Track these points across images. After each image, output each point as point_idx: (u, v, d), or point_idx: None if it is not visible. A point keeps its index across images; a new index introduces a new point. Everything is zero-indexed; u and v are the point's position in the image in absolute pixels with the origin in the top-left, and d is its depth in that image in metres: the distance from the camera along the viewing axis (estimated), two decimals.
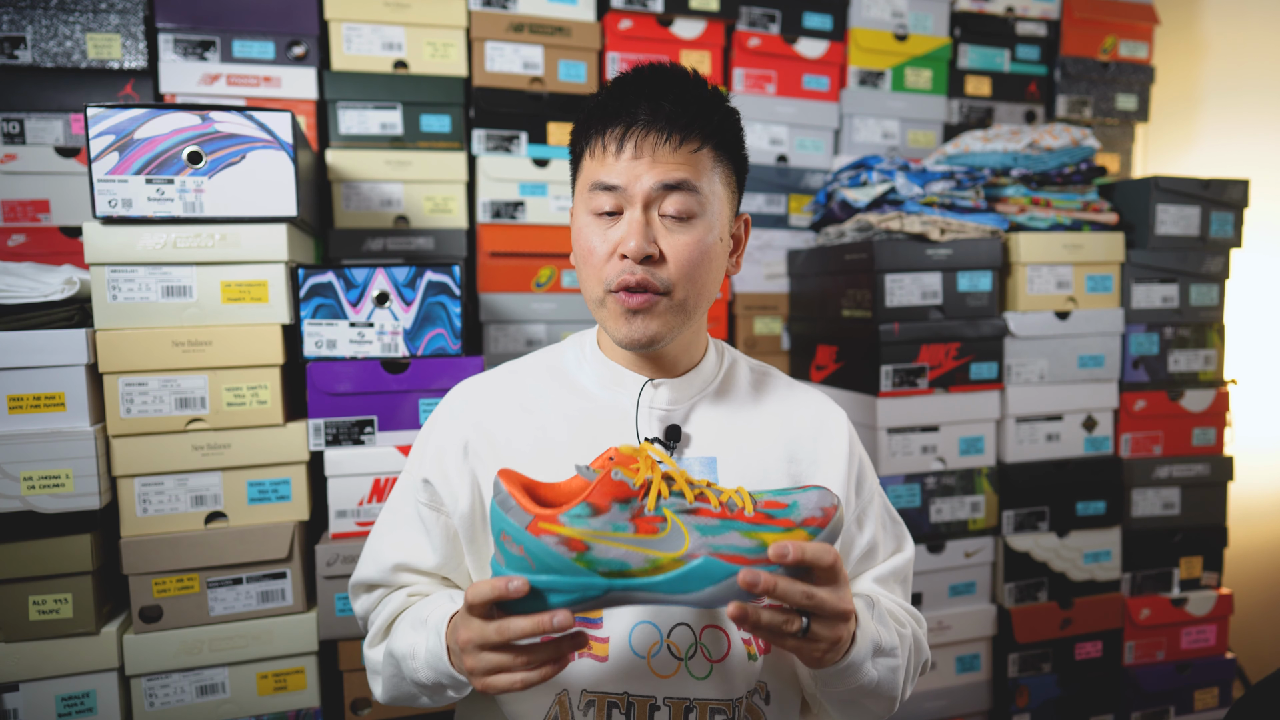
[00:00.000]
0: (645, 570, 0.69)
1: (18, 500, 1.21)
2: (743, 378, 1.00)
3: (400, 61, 1.74)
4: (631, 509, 0.70)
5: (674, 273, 0.87)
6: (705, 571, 0.70)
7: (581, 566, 0.68)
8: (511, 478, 0.72)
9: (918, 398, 1.72)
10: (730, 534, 0.71)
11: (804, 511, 0.73)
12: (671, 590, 0.70)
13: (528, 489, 0.74)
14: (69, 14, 1.54)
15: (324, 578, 1.37)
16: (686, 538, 0.70)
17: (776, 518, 0.72)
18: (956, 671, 1.82)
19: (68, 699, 1.27)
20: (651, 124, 0.85)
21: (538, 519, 0.69)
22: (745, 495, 0.74)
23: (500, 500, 0.70)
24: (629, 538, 0.69)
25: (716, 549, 0.70)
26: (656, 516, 0.70)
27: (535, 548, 0.68)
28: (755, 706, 0.89)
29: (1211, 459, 1.91)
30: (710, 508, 0.72)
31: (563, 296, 1.83)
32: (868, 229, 1.77)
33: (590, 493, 0.69)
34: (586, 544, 0.68)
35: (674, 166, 0.85)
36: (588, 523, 0.69)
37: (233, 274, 1.31)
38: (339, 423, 1.39)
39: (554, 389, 0.97)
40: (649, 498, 0.70)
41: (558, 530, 0.68)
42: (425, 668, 0.83)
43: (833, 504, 0.74)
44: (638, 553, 0.69)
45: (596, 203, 0.87)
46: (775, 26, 1.99)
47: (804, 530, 0.72)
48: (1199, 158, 2.42)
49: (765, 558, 0.70)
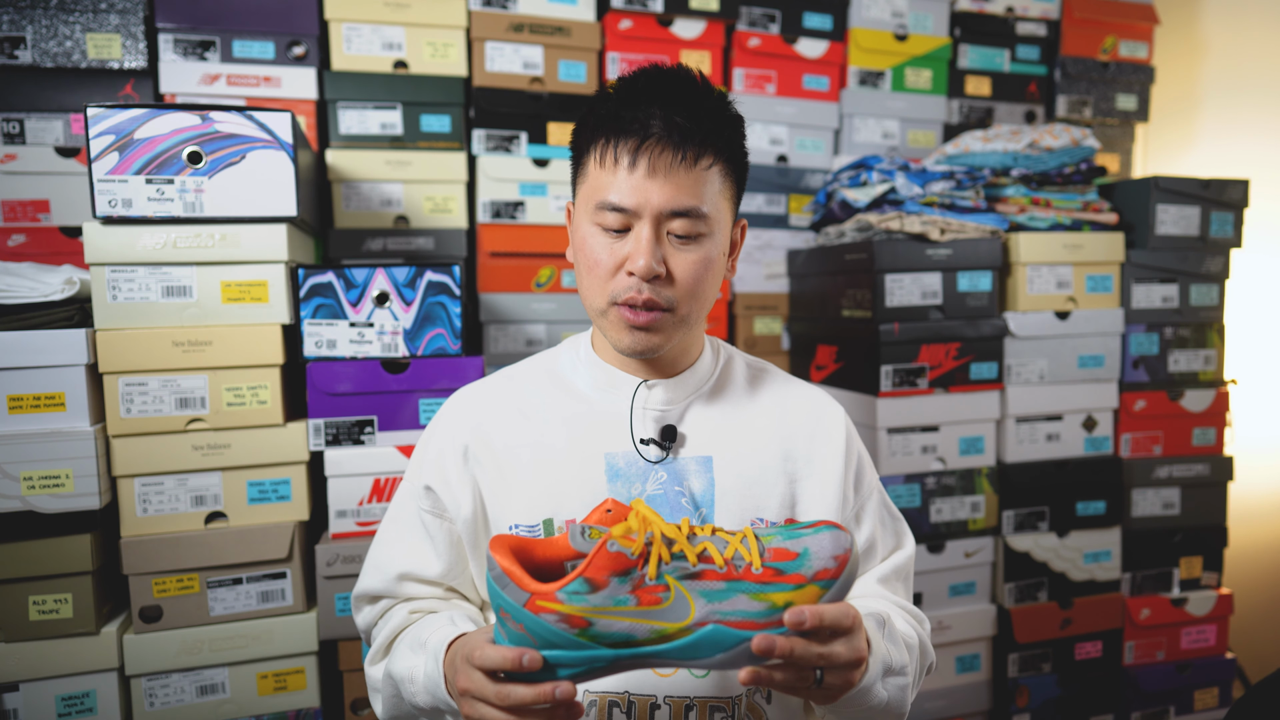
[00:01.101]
0: (651, 640, 0.67)
1: (18, 500, 1.21)
2: (739, 375, 1.00)
3: (400, 61, 1.74)
4: (632, 580, 0.67)
5: (680, 291, 0.87)
6: (714, 640, 0.67)
7: (585, 641, 0.66)
8: (502, 547, 0.69)
9: (918, 398, 1.72)
10: (738, 598, 0.67)
11: (815, 563, 0.69)
12: (681, 657, 0.68)
13: (522, 551, 0.70)
14: (69, 14, 1.54)
15: (324, 578, 1.37)
16: (692, 606, 0.67)
17: (786, 573, 0.68)
18: (956, 671, 1.82)
19: (68, 699, 1.27)
20: (666, 139, 0.84)
21: (535, 597, 0.66)
22: (752, 543, 0.70)
23: (496, 576, 0.67)
24: (632, 610, 0.66)
25: (724, 615, 0.67)
26: (659, 585, 0.67)
27: (535, 625, 0.66)
28: (756, 705, 0.89)
29: (1211, 459, 1.91)
30: (715, 568, 0.68)
31: (563, 296, 1.83)
32: (868, 229, 1.77)
33: (587, 567, 0.66)
34: (588, 620, 0.66)
35: (685, 190, 0.85)
36: (587, 599, 0.66)
37: (233, 274, 1.31)
38: (339, 423, 1.39)
39: (550, 393, 0.97)
40: (649, 566, 0.67)
41: (557, 608, 0.66)
42: (423, 692, 0.83)
43: (845, 549, 0.70)
44: (643, 624, 0.66)
45: (604, 218, 0.87)
46: (775, 26, 1.99)
47: (815, 586, 0.68)
48: (1199, 158, 2.42)
49: (777, 620, 0.67)
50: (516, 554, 0.70)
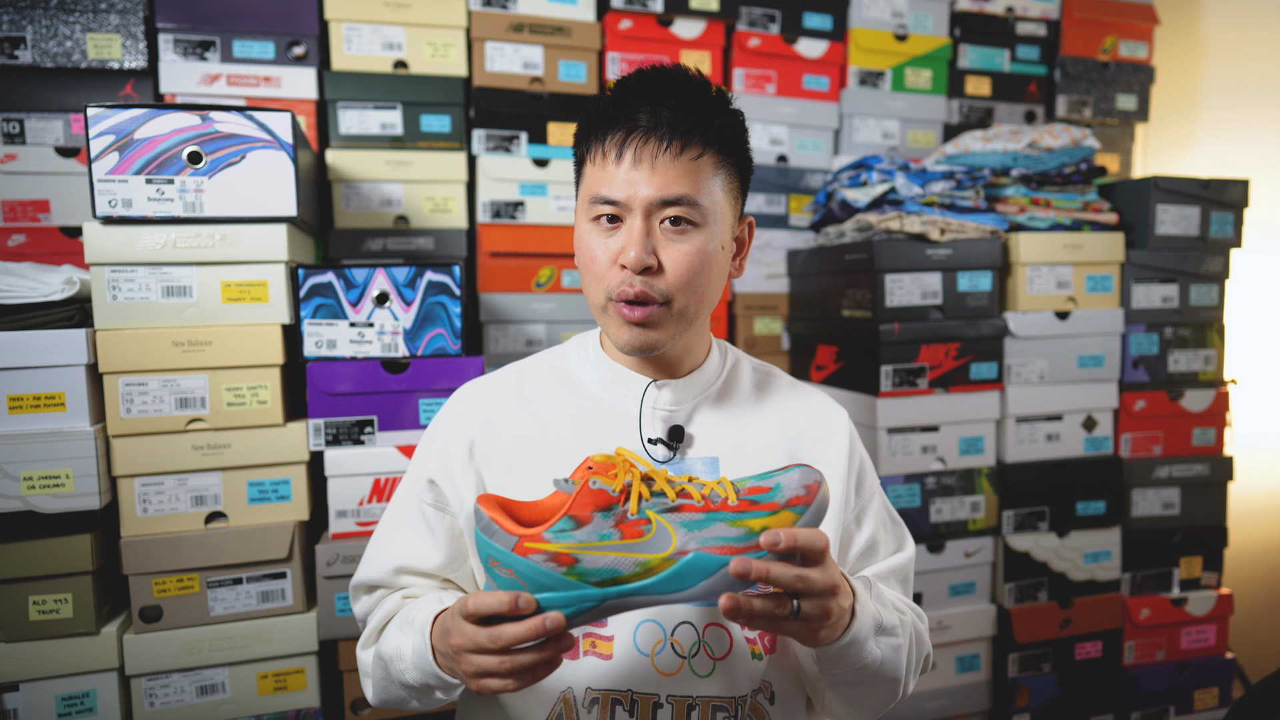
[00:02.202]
0: (637, 574, 0.69)
1: (18, 500, 1.21)
2: (745, 378, 1.01)
3: (400, 61, 1.74)
4: (614, 515, 0.70)
5: (673, 283, 0.86)
6: (696, 566, 0.70)
7: (573, 580, 0.69)
8: (490, 502, 0.72)
9: (918, 398, 1.72)
10: (716, 525, 0.71)
11: (787, 492, 0.73)
12: (666, 590, 0.70)
13: (508, 510, 0.73)
14: (69, 14, 1.54)
15: (324, 578, 1.37)
16: (673, 536, 0.70)
17: (760, 503, 0.72)
18: (956, 671, 1.82)
19: (68, 699, 1.27)
20: (651, 131, 0.84)
21: (523, 539, 0.69)
22: (728, 484, 0.74)
23: (484, 526, 0.70)
24: (616, 544, 0.69)
25: (705, 543, 0.70)
26: (640, 519, 0.70)
27: (524, 568, 0.69)
28: (759, 706, 0.89)
29: (1211, 459, 1.91)
30: (693, 503, 0.72)
31: (563, 296, 1.83)
32: (868, 229, 1.77)
33: (571, 505, 0.69)
34: (575, 556, 0.68)
35: (674, 178, 0.85)
36: (573, 535, 0.69)
37: (233, 274, 1.31)
38: (339, 423, 1.39)
39: (557, 390, 0.97)
40: (630, 502, 0.70)
41: (544, 547, 0.68)
42: (412, 668, 0.83)
43: (815, 480, 0.74)
44: (627, 558, 0.69)
45: (597, 212, 0.87)
46: (775, 26, 1.99)
47: (789, 511, 0.72)
48: (1199, 158, 2.42)
49: (755, 544, 0.70)
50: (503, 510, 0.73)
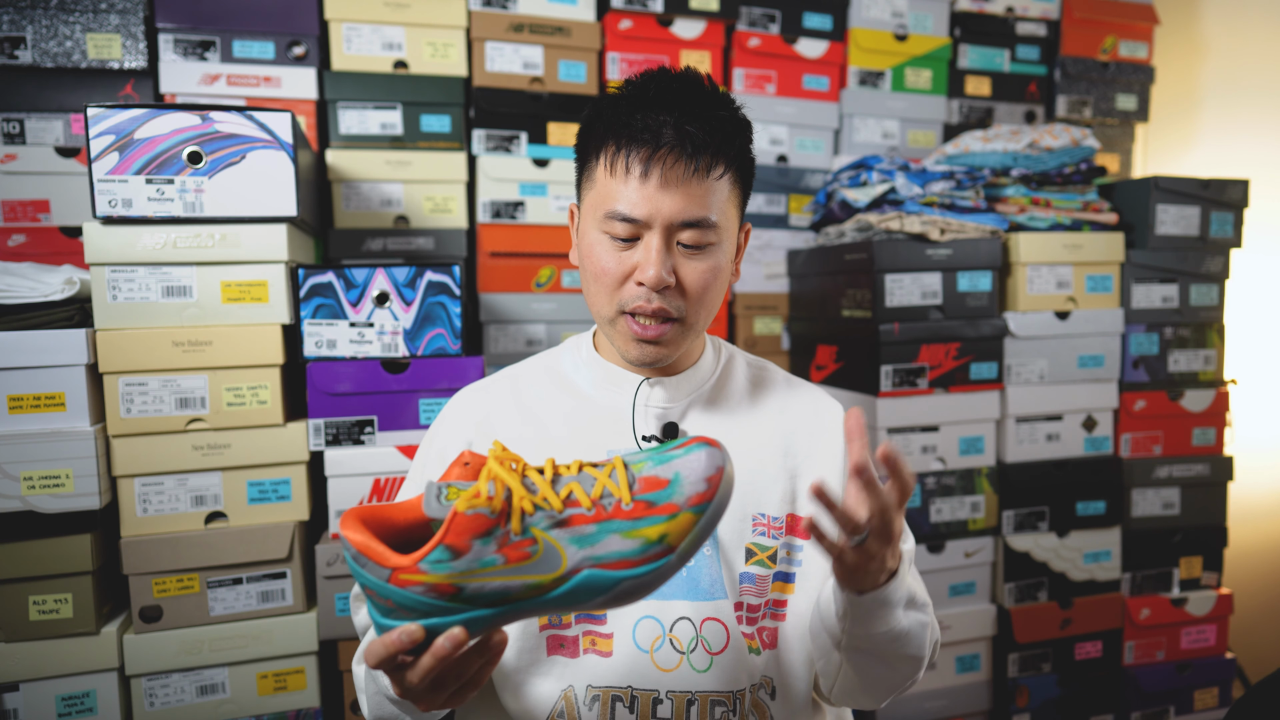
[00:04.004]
0: (529, 593, 0.64)
1: (18, 500, 1.21)
2: (740, 374, 1.01)
3: (400, 61, 1.74)
4: (496, 539, 0.62)
5: (690, 301, 0.88)
6: (590, 585, 0.64)
7: (460, 605, 0.63)
8: (353, 523, 0.64)
9: (918, 398, 1.72)
10: (610, 539, 0.64)
11: (687, 487, 0.65)
12: (563, 605, 0.65)
13: (378, 521, 0.66)
14: (69, 14, 1.54)
15: (324, 578, 1.37)
16: (563, 555, 0.64)
17: (657, 504, 0.65)
18: (956, 671, 1.82)
19: (68, 699, 1.27)
20: (679, 149, 0.84)
21: (397, 571, 0.62)
22: (621, 475, 0.66)
23: (353, 556, 0.63)
24: (501, 569, 0.62)
25: (598, 559, 0.64)
26: (525, 540, 0.63)
27: (404, 599, 0.62)
28: (760, 701, 0.89)
29: (1211, 459, 1.91)
30: (583, 511, 0.65)
31: (563, 296, 1.83)
32: (868, 229, 1.77)
33: (446, 534, 0.62)
34: (457, 586, 0.62)
35: (695, 200, 0.85)
36: (451, 566, 0.62)
37: (233, 274, 1.31)
38: (339, 423, 1.39)
39: (552, 391, 0.97)
40: (511, 521, 0.63)
41: (422, 579, 0.62)
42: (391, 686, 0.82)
43: (718, 468, 0.66)
44: (515, 580, 0.63)
45: (614, 228, 0.87)
46: (775, 26, 1.99)
47: (689, 512, 0.65)
48: (1199, 158, 2.42)
49: (652, 555, 0.64)
50: (373, 525, 0.66)
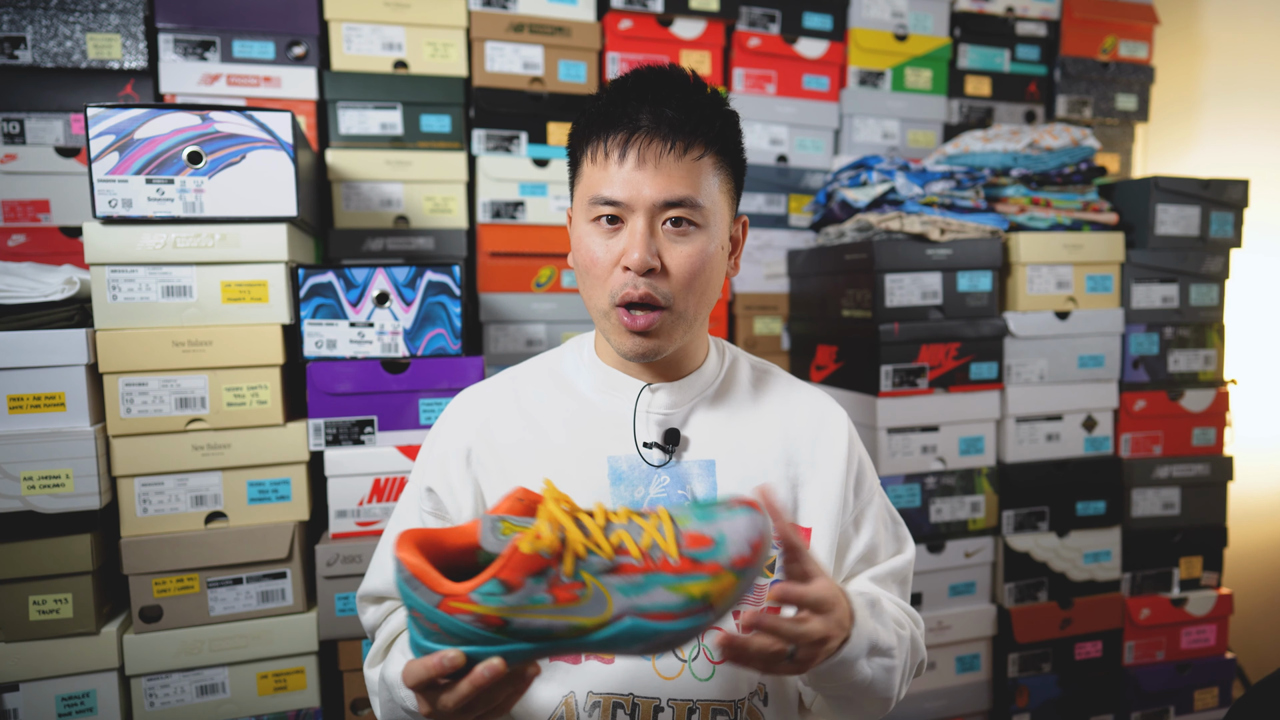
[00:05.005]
0: (570, 634, 0.66)
1: (18, 500, 1.21)
2: (743, 377, 1.00)
3: (400, 61, 1.74)
4: (548, 579, 0.65)
5: (676, 285, 0.86)
6: (632, 634, 0.66)
7: (503, 637, 0.65)
8: (409, 545, 0.67)
9: (918, 398, 1.72)
10: (656, 591, 0.66)
11: (732, 549, 0.67)
12: (601, 650, 0.68)
13: (431, 545, 0.68)
14: (69, 14, 1.54)
15: (324, 578, 1.37)
16: (609, 601, 0.66)
17: (703, 562, 0.67)
18: (956, 671, 1.82)
19: (68, 699, 1.27)
20: (654, 131, 0.84)
21: (448, 598, 0.64)
22: (668, 529, 0.68)
23: (405, 579, 0.65)
24: (549, 608, 0.65)
25: (643, 609, 0.66)
26: (575, 583, 0.66)
27: (451, 626, 0.65)
28: (755, 708, 0.89)
29: (1211, 459, 1.91)
30: (632, 560, 0.67)
31: (563, 296, 1.83)
32: (868, 229, 1.77)
33: (501, 569, 0.64)
34: (504, 619, 0.65)
35: (677, 180, 0.85)
36: (502, 600, 0.64)
37: (233, 274, 1.31)
38: (339, 423, 1.39)
39: (553, 394, 0.97)
40: (564, 564, 0.65)
41: (471, 609, 0.64)
42: (410, 700, 0.81)
43: (759, 536, 0.68)
44: (560, 621, 0.65)
45: (597, 213, 0.87)
46: (775, 26, 1.99)
47: (731, 574, 0.67)
48: (1199, 158, 2.42)
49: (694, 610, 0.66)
50: (426, 548, 0.68)
